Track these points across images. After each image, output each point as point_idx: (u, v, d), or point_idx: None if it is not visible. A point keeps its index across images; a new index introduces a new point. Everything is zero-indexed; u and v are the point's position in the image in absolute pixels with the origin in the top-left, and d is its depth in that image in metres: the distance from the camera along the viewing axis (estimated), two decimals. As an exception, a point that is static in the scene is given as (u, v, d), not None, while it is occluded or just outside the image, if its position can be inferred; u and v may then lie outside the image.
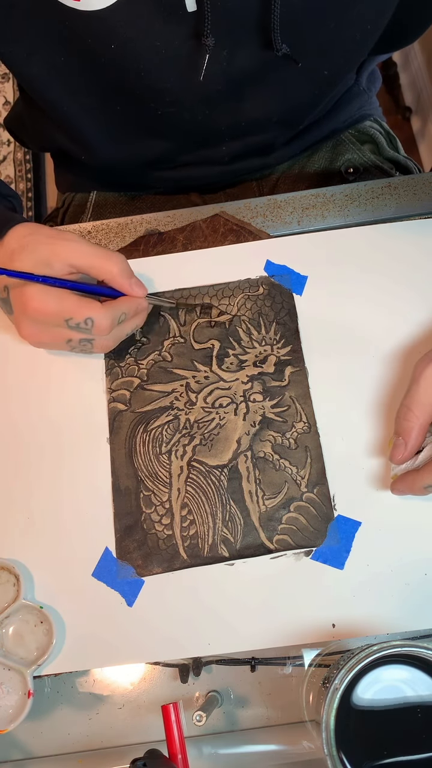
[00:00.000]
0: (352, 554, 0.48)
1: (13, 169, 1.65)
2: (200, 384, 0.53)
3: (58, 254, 0.47)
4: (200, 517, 0.49)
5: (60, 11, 0.47)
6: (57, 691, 0.48)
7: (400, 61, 1.65)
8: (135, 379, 0.53)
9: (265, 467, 0.50)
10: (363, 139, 0.75)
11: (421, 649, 0.39)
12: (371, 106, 0.78)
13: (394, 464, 0.47)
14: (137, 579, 0.48)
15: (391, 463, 0.47)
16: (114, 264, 0.48)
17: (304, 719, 0.46)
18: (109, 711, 0.47)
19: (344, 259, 0.56)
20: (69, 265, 0.48)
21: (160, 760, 0.40)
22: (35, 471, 0.51)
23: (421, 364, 0.46)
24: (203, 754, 0.45)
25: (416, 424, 0.45)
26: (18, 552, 0.49)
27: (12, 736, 0.47)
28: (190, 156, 0.66)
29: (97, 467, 0.51)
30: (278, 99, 0.59)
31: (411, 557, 0.47)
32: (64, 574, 0.48)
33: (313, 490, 0.49)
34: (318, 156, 0.75)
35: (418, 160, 1.61)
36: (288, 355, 0.53)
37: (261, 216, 0.60)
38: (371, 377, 0.52)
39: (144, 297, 0.51)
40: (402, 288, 0.55)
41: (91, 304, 0.47)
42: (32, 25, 0.49)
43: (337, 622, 0.46)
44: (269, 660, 0.47)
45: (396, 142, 0.78)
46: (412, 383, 0.46)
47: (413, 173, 0.76)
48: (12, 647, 0.47)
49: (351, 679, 0.39)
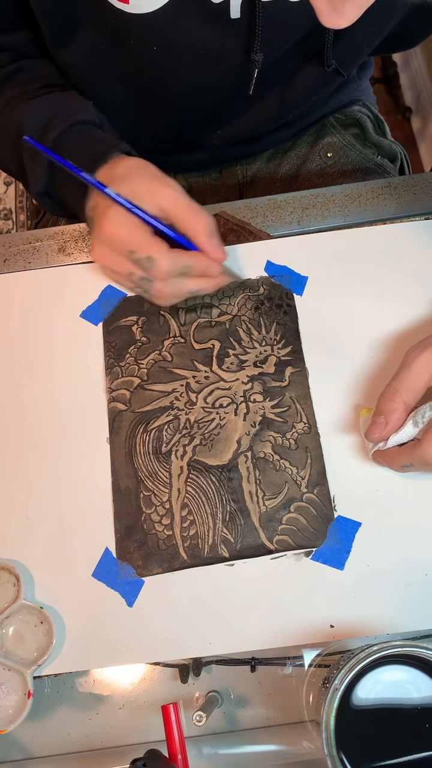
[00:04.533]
0: (353, 555, 0.48)
1: (12, 169, 1.65)
2: (200, 384, 0.53)
3: (153, 193, 0.48)
4: (200, 518, 0.49)
5: (109, 11, 0.48)
6: (57, 691, 0.48)
7: (400, 61, 1.65)
8: (135, 379, 0.53)
9: (266, 468, 0.50)
10: (348, 122, 0.76)
11: (421, 649, 0.39)
12: (362, 92, 0.78)
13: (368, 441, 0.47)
14: (137, 579, 0.48)
15: (367, 439, 0.47)
16: (199, 221, 0.48)
17: (304, 719, 0.46)
18: (109, 711, 0.47)
19: (344, 260, 0.56)
20: (158, 207, 0.48)
21: (160, 760, 0.40)
22: (35, 471, 0.51)
23: (415, 350, 0.46)
24: (203, 754, 0.45)
25: (401, 406, 0.45)
26: (18, 552, 0.49)
27: (12, 736, 0.47)
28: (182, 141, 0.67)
29: (97, 467, 0.51)
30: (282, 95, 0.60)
31: (411, 558, 0.47)
32: (64, 575, 0.48)
33: (313, 491, 0.49)
34: (301, 140, 0.76)
35: (418, 160, 1.60)
36: (288, 355, 0.53)
37: (261, 216, 0.60)
38: (371, 377, 0.52)
39: (220, 261, 0.50)
40: (402, 288, 0.55)
41: (158, 244, 0.47)
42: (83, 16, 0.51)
43: (337, 622, 0.46)
44: (269, 660, 0.47)
45: (384, 127, 0.78)
46: (402, 367, 0.46)
47: (397, 158, 0.76)
48: (12, 647, 0.47)
49: (351, 679, 0.39)
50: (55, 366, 0.54)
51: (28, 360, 0.55)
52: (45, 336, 0.55)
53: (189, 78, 0.55)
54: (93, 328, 0.55)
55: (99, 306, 0.56)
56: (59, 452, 0.52)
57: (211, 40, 0.51)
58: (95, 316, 0.56)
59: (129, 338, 0.54)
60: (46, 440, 0.52)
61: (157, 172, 0.50)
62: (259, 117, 0.63)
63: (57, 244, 0.60)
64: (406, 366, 0.46)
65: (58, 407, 0.53)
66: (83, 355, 0.55)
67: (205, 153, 0.71)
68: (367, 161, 0.73)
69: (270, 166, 0.76)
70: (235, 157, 0.74)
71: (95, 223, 0.50)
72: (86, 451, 0.52)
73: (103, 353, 0.54)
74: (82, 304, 0.56)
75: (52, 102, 0.54)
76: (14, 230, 1.61)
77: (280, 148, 0.76)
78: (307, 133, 0.75)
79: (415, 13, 0.56)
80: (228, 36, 0.51)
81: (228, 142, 0.67)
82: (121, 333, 0.55)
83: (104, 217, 0.48)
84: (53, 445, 0.52)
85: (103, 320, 0.56)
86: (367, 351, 0.53)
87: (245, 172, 0.76)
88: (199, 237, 0.49)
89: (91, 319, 0.56)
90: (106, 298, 0.56)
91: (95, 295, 0.56)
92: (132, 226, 0.47)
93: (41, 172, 0.53)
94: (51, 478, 0.51)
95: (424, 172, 0.77)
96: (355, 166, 0.73)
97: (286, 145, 0.76)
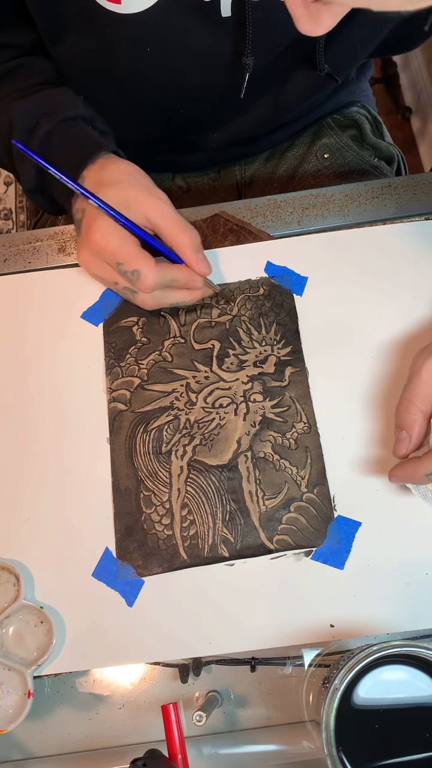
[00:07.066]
0: (353, 554, 0.48)
1: (13, 169, 1.65)
2: (200, 384, 0.53)
3: (141, 204, 0.49)
4: (200, 517, 0.49)
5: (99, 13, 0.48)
6: (57, 691, 0.48)
7: (400, 61, 1.65)
8: (135, 379, 0.53)
9: (266, 467, 0.50)
10: (346, 124, 0.76)
11: (421, 649, 0.39)
12: (361, 93, 0.78)
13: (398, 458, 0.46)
14: (137, 579, 0.48)
15: (396, 457, 0.46)
16: (186, 236, 0.49)
17: (304, 719, 0.46)
18: (109, 711, 0.47)
19: (345, 260, 0.56)
20: (146, 217, 0.49)
21: (160, 760, 0.40)
22: (35, 471, 0.51)
23: (421, 357, 0.46)
24: (203, 754, 0.45)
25: (419, 416, 0.45)
26: (18, 552, 0.49)
27: (12, 736, 0.47)
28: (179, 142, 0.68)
29: (97, 467, 0.51)
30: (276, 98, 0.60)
31: (411, 557, 0.47)
32: (64, 574, 0.48)
33: (313, 491, 0.49)
34: (299, 141, 0.76)
35: (418, 160, 1.60)
36: (288, 355, 0.53)
37: (261, 216, 0.60)
38: (372, 377, 0.52)
39: (204, 275, 0.51)
40: (402, 288, 0.55)
41: (145, 258, 0.48)
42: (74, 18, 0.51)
43: (337, 622, 0.46)
44: (269, 660, 0.47)
45: (382, 129, 0.78)
46: (413, 375, 0.46)
47: (394, 161, 0.76)
48: (12, 647, 0.47)
49: (351, 679, 0.39)
50: (56, 367, 0.54)
51: (29, 361, 0.55)
52: (46, 337, 0.56)
53: (182, 78, 0.55)
54: (94, 329, 0.55)
55: (99, 307, 0.56)
56: (60, 452, 0.52)
57: (203, 39, 0.51)
58: (96, 317, 0.56)
59: (129, 339, 0.55)
60: (46, 440, 0.52)
61: (147, 181, 0.51)
62: (253, 120, 0.63)
63: (57, 244, 0.60)
64: (415, 374, 0.46)
65: (58, 407, 0.53)
66: (84, 356, 0.55)
67: (201, 154, 0.71)
68: (363, 163, 0.73)
69: (268, 167, 0.76)
70: (233, 157, 0.74)
71: (83, 229, 0.50)
72: (86, 451, 0.52)
73: (104, 354, 0.54)
74: (83, 306, 0.56)
75: (42, 99, 0.54)
76: (14, 230, 1.61)
77: (278, 149, 0.76)
78: (305, 134, 0.75)
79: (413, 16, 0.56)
80: (220, 35, 0.51)
81: (224, 143, 0.67)
82: (121, 334, 0.55)
83: (93, 226, 0.48)
84: (54, 445, 0.52)
85: (103, 321, 0.56)
86: (368, 351, 0.53)
87: (243, 173, 0.76)
88: (186, 252, 0.50)
89: (92, 320, 0.56)
90: (107, 300, 0.56)
91: (96, 297, 0.56)
92: (120, 237, 0.48)
93: (30, 171, 0.54)
94: (51, 478, 0.51)
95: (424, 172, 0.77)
96: (352, 168, 0.73)
97: (284, 146, 0.76)
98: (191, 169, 0.76)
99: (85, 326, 0.56)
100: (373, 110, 0.79)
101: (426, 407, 0.45)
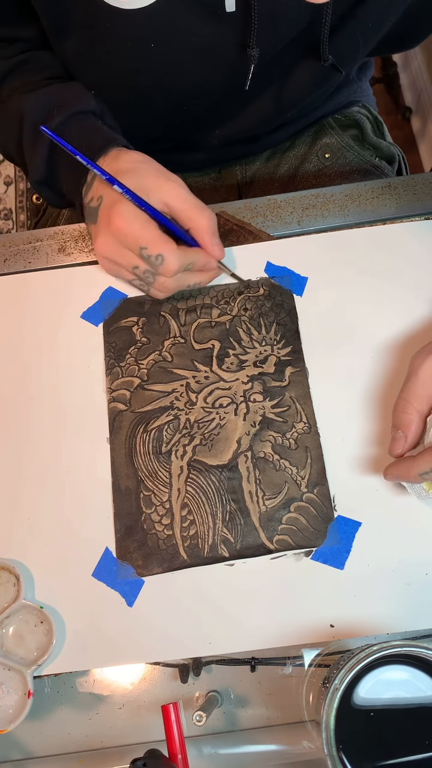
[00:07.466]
0: (353, 554, 0.48)
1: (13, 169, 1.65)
2: (200, 384, 0.53)
3: (159, 189, 0.49)
4: (200, 517, 0.49)
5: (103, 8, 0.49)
6: (57, 691, 0.48)
7: (400, 61, 1.65)
8: (135, 379, 0.53)
9: (266, 467, 0.50)
10: (347, 123, 0.76)
11: (421, 649, 0.39)
12: (362, 93, 0.78)
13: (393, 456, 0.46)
14: (137, 579, 0.48)
15: (391, 455, 0.46)
16: (204, 218, 0.50)
17: (304, 719, 0.46)
18: (109, 711, 0.47)
19: (345, 260, 0.56)
20: (163, 202, 0.49)
21: (160, 760, 0.40)
22: (35, 471, 0.51)
23: (419, 357, 0.46)
24: (203, 754, 0.45)
25: (416, 416, 0.45)
26: (18, 552, 0.49)
27: (12, 736, 0.47)
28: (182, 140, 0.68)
29: (97, 467, 0.51)
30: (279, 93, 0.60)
31: (411, 557, 0.47)
32: (64, 574, 0.48)
33: (313, 491, 0.49)
34: (300, 141, 0.76)
35: (418, 160, 1.61)
36: (288, 355, 0.53)
37: (261, 216, 0.60)
38: (372, 377, 0.52)
39: (219, 259, 0.52)
40: (402, 288, 0.55)
41: (169, 243, 0.49)
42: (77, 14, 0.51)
43: (337, 622, 0.46)
44: (269, 660, 0.47)
45: (383, 129, 0.78)
46: (410, 375, 0.46)
47: (395, 160, 0.76)
48: (12, 647, 0.47)
49: (351, 679, 0.39)
50: (56, 366, 0.54)
51: (29, 361, 0.55)
52: (46, 337, 0.56)
53: (186, 75, 0.55)
54: (94, 329, 0.55)
55: (99, 307, 0.56)
56: (60, 452, 0.52)
57: (207, 34, 0.51)
58: (96, 317, 0.56)
59: (129, 339, 0.55)
60: (46, 440, 0.52)
61: (161, 167, 0.51)
62: (256, 116, 0.63)
63: (57, 244, 0.60)
64: (413, 374, 0.46)
65: (58, 407, 0.53)
66: (84, 356, 0.55)
67: (203, 153, 0.71)
68: (364, 163, 0.73)
69: (269, 166, 0.76)
70: (234, 156, 0.74)
71: (101, 216, 0.50)
72: (86, 451, 0.52)
73: (104, 354, 0.54)
74: (82, 305, 0.56)
75: (53, 92, 0.55)
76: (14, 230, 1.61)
77: (279, 149, 0.76)
78: (306, 134, 0.75)
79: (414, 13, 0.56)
80: (224, 30, 0.51)
81: (226, 141, 0.68)
82: (121, 334, 0.55)
83: (113, 211, 0.49)
84: (54, 445, 0.52)
85: (103, 321, 0.56)
86: (368, 351, 0.53)
87: (244, 173, 0.76)
88: (202, 235, 0.50)
89: (92, 320, 0.56)
90: (107, 300, 0.56)
91: (96, 297, 0.56)
92: (142, 222, 0.49)
93: (40, 162, 0.54)
94: (51, 478, 0.51)
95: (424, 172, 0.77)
96: (353, 168, 0.73)
97: (285, 145, 0.76)
98: (192, 169, 0.76)
99: (85, 326, 0.56)
100: (374, 110, 0.79)
101: (422, 407, 0.45)
